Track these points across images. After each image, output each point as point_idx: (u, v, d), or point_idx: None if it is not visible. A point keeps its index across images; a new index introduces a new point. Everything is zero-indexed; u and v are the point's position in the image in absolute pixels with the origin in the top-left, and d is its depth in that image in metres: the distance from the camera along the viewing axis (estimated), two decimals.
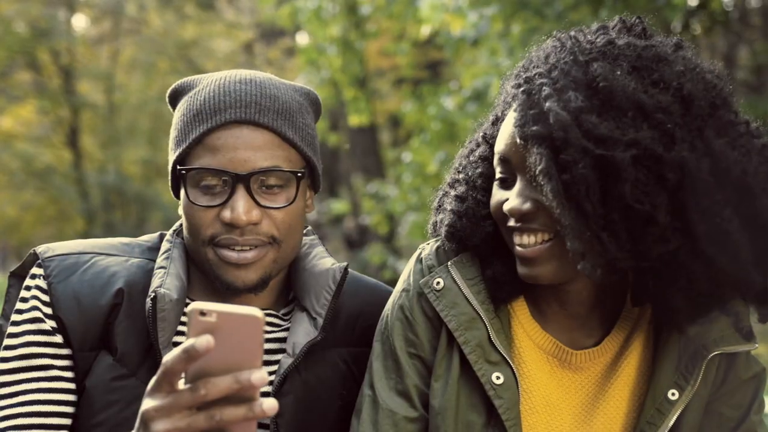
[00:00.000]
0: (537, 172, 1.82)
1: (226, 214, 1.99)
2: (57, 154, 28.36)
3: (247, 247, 2.03)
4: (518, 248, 1.95)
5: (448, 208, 2.14)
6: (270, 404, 1.44)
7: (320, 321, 2.12)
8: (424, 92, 13.27)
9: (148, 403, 1.48)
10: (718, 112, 1.88)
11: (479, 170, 2.12)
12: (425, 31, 10.93)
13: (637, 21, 2.00)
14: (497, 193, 2.01)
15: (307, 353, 2.09)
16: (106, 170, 29.05)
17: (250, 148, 1.99)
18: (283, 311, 2.24)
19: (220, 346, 1.42)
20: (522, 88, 1.92)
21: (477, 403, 2.02)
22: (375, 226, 15.94)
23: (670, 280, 1.86)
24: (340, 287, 2.15)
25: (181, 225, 2.21)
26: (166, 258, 2.12)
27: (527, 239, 1.93)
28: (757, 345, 2.00)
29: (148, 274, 2.10)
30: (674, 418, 1.97)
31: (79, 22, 31.85)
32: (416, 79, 17.27)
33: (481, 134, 2.19)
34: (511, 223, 1.95)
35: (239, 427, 1.47)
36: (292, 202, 2.06)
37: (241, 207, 1.98)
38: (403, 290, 2.15)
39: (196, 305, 1.43)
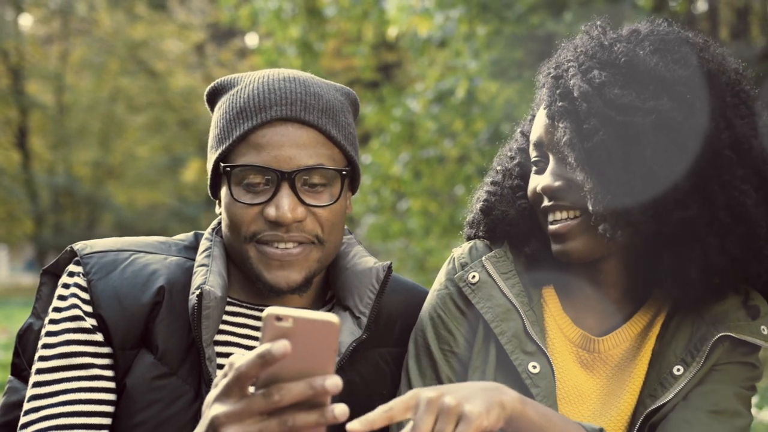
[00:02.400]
0: (562, 145, 1.95)
1: (271, 211, 1.96)
2: (5, 155, 27.95)
3: (291, 245, 2.01)
4: (551, 226, 2.04)
5: (484, 189, 2.25)
6: (341, 410, 1.43)
7: (364, 320, 2.10)
8: (384, 94, 13.31)
9: (218, 408, 1.46)
10: (741, 102, 2.02)
11: (516, 160, 2.24)
12: (392, 32, 10.97)
13: (664, 20, 2.11)
14: (533, 180, 2.10)
15: (351, 353, 2.07)
16: (56, 171, 28.76)
17: (295, 146, 1.97)
18: (322, 310, 2.20)
19: (295, 351, 1.40)
20: (552, 74, 2.05)
21: None
22: None
23: (685, 251, 1.95)
24: (384, 286, 2.13)
25: (219, 223, 2.18)
26: (207, 256, 2.09)
27: (559, 215, 2.02)
28: None
29: (187, 273, 2.07)
30: (675, 391, 2.00)
31: (27, 21, 31.43)
32: (370, 81, 17.29)
33: (519, 130, 2.30)
34: (545, 202, 2.04)
35: None
36: (336, 200, 2.03)
37: (286, 205, 1.96)
38: (436, 291, 2.19)
39: (272, 310, 1.41)
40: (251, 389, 1.45)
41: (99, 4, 29.78)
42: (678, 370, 2.02)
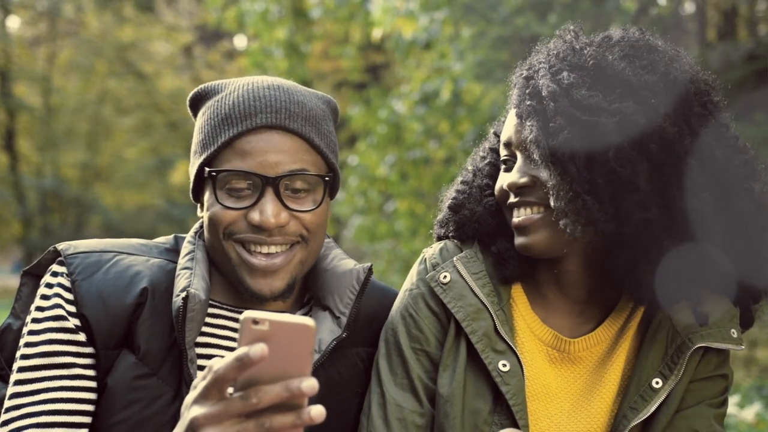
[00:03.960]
0: (528, 142, 2.01)
1: (255, 216, 2.01)
2: None
3: (274, 251, 2.06)
4: (515, 219, 2.10)
5: (453, 188, 2.32)
6: (318, 411, 1.47)
7: (344, 319, 2.15)
8: (371, 95, 13.33)
9: (196, 410, 1.49)
10: (708, 112, 2.07)
11: (487, 160, 2.32)
12: (377, 34, 10.99)
13: (637, 28, 2.19)
14: (501, 177, 2.17)
15: (331, 351, 2.12)
16: (44, 173, 28.67)
17: (280, 153, 2.02)
18: (300, 312, 2.26)
19: (272, 354, 1.44)
20: (523, 75, 2.12)
21: (483, 390, 2.11)
22: None
23: (640, 252, 2.01)
24: (364, 287, 2.18)
25: (200, 227, 2.22)
26: (191, 259, 2.13)
27: (524, 211, 2.08)
28: (742, 347, 2.12)
29: (169, 275, 2.11)
30: (657, 404, 2.07)
31: (14, 23, 31.31)
32: (358, 82, 17.31)
33: (492, 131, 2.38)
34: (511, 199, 2.11)
35: None
36: (319, 205, 2.09)
37: (269, 210, 2.01)
38: (407, 290, 2.24)
39: (249, 314, 1.45)
40: (230, 391, 1.49)
41: (86, 5, 29.68)
42: (657, 383, 2.09)
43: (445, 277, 2.17)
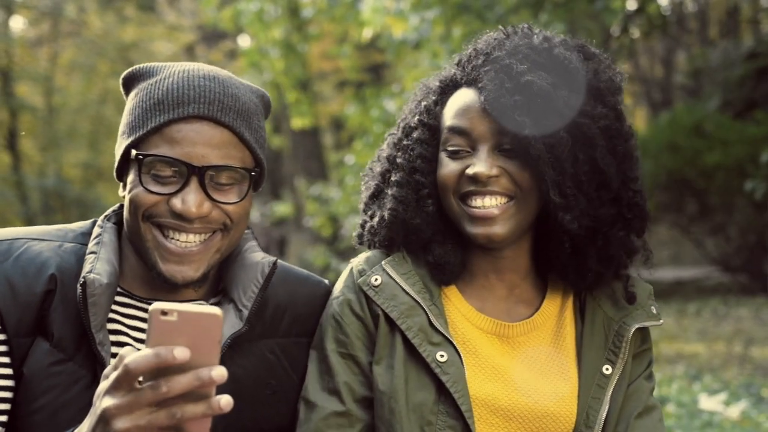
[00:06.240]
0: (521, 137, 2.05)
1: (177, 203, 2.02)
2: None
3: (192, 240, 2.06)
4: (476, 210, 2.13)
5: (389, 193, 2.28)
6: (227, 401, 1.50)
7: (245, 313, 2.15)
8: (366, 95, 13.35)
9: (107, 401, 1.51)
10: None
11: (417, 152, 2.27)
12: (367, 33, 11.00)
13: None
14: (449, 164, 2.18)
15: (234, 345, 2.13)
16: (46, 173, 28.68)
17: (209, 145, 2.03)
18: (211, 301, 2.26)
19: (180, 344, 1.47)
20: (487, 68, 2.14)
21: (425, 382, 2.16)
22: (318, 228, 15.97)
23: (586, 243, 2.13)
24: (268, 281, 2.18)
25: (113, 211, 2.24)
26: (97, 243, 2.13)
27: (489, 201, 2.12)
28: (662, 321, 2.28)
29: (81, 260, 2.11)
30: (612, 388, 2.19)
31: (17, 23, 31.34)
32: (358, 81, 17.35)
33: (416, 119, 2.31)
34: (471, 187, 2.13)
35: (195, 423, 1.52)
36: (243, 198, 2.10)
37: (191, 200, 2.01)
38: (334, 299, 2.29)
39: (157, 305, 1.48)
40: (139, 380, 1.50)
41: (89, 6, 29.71)
42: (607, 369, 2.21)
43: (376, 279, 2.21)
